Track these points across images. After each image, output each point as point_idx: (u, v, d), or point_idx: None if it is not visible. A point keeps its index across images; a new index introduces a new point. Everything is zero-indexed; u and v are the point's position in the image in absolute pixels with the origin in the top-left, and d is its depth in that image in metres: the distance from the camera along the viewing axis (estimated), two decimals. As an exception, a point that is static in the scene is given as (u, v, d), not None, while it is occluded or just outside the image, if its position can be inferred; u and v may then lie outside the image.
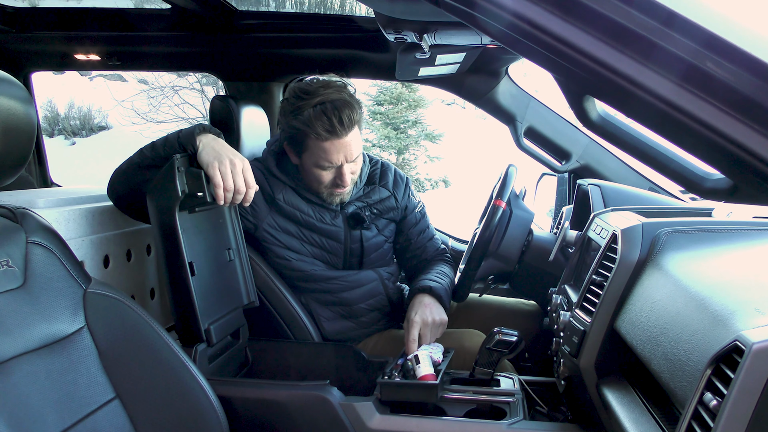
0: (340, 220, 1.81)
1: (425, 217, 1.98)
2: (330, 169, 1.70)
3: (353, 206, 1.83)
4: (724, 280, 0.81)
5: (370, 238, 1.85)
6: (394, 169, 1.96)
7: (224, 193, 1.42)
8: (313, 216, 1.77)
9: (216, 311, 1.55)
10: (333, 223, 1.79)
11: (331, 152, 1.66)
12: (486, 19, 0.85)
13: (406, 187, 1.94)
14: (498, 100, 2.35)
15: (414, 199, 1.96)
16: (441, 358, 1.52)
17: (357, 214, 1.81)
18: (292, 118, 1.66)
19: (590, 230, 1.35)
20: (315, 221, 1.77)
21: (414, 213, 1.95)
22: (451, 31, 1.69)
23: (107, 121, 11.82)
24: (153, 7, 2.71)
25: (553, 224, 2.28)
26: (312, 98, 1.64)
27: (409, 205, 1.94)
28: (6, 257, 1.07)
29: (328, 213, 1.79)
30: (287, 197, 1.76)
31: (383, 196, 1.88)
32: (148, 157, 1.49)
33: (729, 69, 0.71)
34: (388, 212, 1.89)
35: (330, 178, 1.72)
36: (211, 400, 1.25)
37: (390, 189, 1.90)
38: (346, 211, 1.82)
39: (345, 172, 1.70)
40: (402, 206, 1.92)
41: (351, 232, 1.82)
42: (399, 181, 1.93)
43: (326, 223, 1.79)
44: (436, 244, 1.99)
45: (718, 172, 0.99)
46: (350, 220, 1.81)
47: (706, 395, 0.65)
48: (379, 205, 1.87)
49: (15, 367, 1.01)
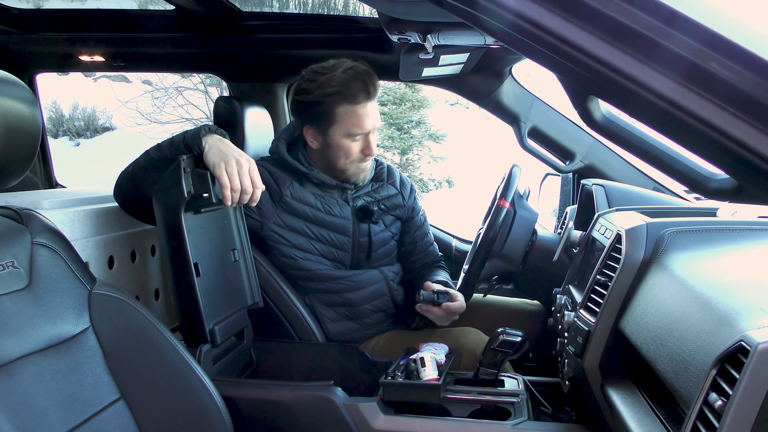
0: (349, 212, 1.82)
1: (427, 223, 2.04)
2: (359, 138, 1.74)
3: (362, 200, 1.85)
4: (728, 280, 0.81)
5: (378, 232, 1.86)
6: (399, 172, 2.01)
7: (231, 194, 1.42)
8: (321, 209, 1.78)
9: (221, 312, 1.55)
10: (342, 215, 1.80)
11: (364, 117, 1.71)
12: (489, 19, 0.85)
13: (412, 190, 1.99)
14: (502, 100, 2.35)
15: (419, 203, 2.01)
16: (444, 359, 1.52)
17: (366, 207, 1.83)
18: (318, 90, 1.70)
19: (594, 230, 1.34)
20: (323, 214, 1.78)
21: (419, 216, 2.00)
22: (454, 32, 1.69)
23: (111, 122, 11.84)
24: (157, 8, 2.71)
25: (557, 224, 2.27)
26: (335, 69, 1.70)
27: (416, 207, 1.99)
28: (11, 258, 1.07)
29: (336, 205, 1.80)
30: (294, 192, 1.77)
31: (391, 193, 1.91)
32: (154, 158, 1.49)
33: (732, 68, 0.70)
34: (395, 209, 1.92)
35: (358, 149, 1.76)
36: (215, 400, 1.25)
37: (397, 187, 1.94)
38: (355, 204, 1.84)
39: (372, 140, 1.76)
40: (409, 206, 1.96)
41: (359, 225, 1.83)
42: (405, 182, 1.98)
43: (335, 215, 1.79)
44: (436, 250, 2.04)
45: (723, 172, 0.99)
46: (359, 212, 1.83)
47: (711, 395, 0.65)
48: (387, 201, 1.90)
49: (20, 367, 1.02)
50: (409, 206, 1.96)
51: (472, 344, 1.71)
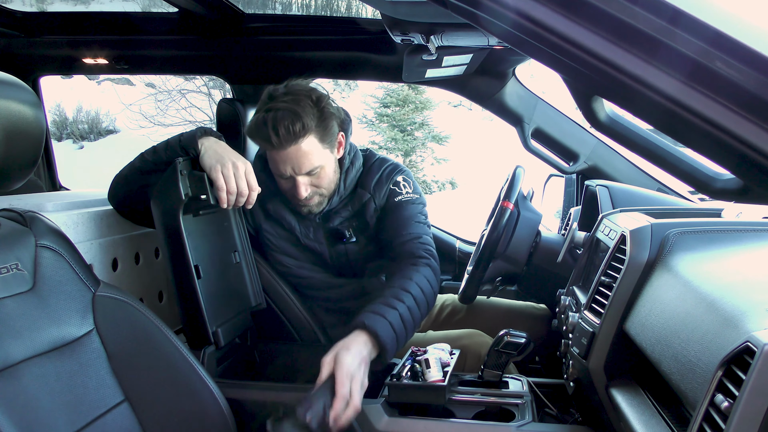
0: (321, 234, 1.74)
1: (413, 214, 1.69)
2: (287, 178, 1.61)
3: (338, 218, 1.73)
4: (734, 281, 0.81)
5: (357, 251, 1.75)
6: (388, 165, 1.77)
7: (227, 196, 1.42)
8: (298, 230, 1.73)
9: (223, 314, 1.55)
10: (315, 239, 1.73)
11: (276, 162, 1.58)
12: (493, 20, 0.85)
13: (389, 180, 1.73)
14: (505, 101, 2.35)
15: (399, 190, 1.73)
16: (449, 359, 1.51)
17: (336, 230, 1.73)
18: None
19: (598, 231, 1.34)
20: (300, 236, 1.73)
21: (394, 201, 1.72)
22: (458, 33, 1.69)
23: (115, 124, 11.88)
24: (160, 10, 2.72)
25: (560, 226, 2.27)
26: (264, 106, 1.56)
27: (391, 200, 1.72)
28: (15, 261, 1.07)
29: (312, 227, 1.73)
30: (275, 207, 1.72)
31: (364, 200, 1.73)
32: (149, 161, 1.48)
33: (737, 67, 0.70)
34: (372, 217, 1.73)
35: (288, 187, 1.63)
36: (219, 402, 1.25)
37: (371, 190, 1.73)
38: (329, 225, 1.73)
39: (300, 183, 1.59)
40: (380, 205, 1.73)
41: (334, 247, 1.75)
42: (384, 179, 1.73)
43: (309, 239, 1.74)
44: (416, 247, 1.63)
45: (728, 172, 0.98)
46: (329, 236, 1.73)
47: (718, 397, 0.64)
48: (363, 211, 1.73)
49: (25, 370, 1.02)
50: (381, 204, 1.73)
51: (477, 346, 1.70)
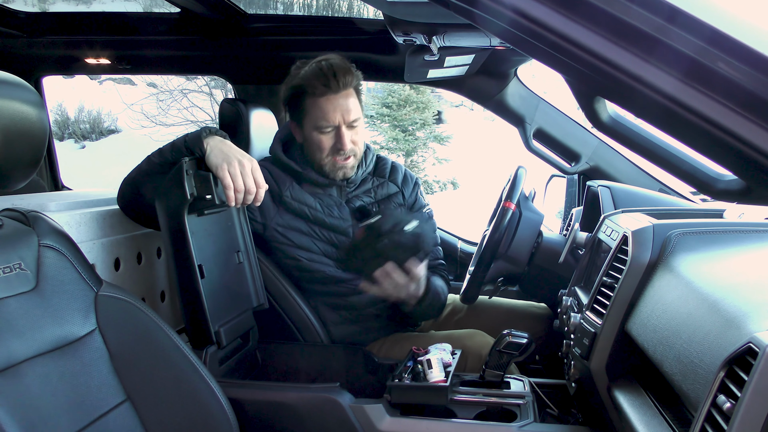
0: (347, 212, 1.81)
1: (432, 221, 1.96)
2: (329, 132, 1.72)
3: (360, 200, 1.84)
4: (736, 282, 0.81)
5: None
6: (405, 168, 1.97)
7: (235, 194, 1.42)
8: (320, 210, 1.78)
9: (226, 313, 1.55)
10: (341, 216, 1.79)
11: (327, 110, 1.69)
12: (495, 20, 0.85)
13: (415, 186, 1.95)
14: (507, 101, 2.35)
15: (422, 200, 1.96)
16: (450, 359, 1.51)
17: (363, 208, 1.82)
18: (290, 83, 1.73)
19: (600, 232, 1.34)
20: (323, 216, 1.77)
21: (421, 212, 1.93)
22: (459, 33, 1.69)
23: (117, 124, 11.89)
24: (162, 11, 2.73)
25: (562, 226, 2.27)
26: (310, 63, 1.72)
27: (418, 202, 1.94)
28: (18, 260, 1.07)
29: (335, 206, 1.79)
30: (294, 193, 1.77)
31: (391, 192, 1.89)
32: (155, 163, 1.49)
33: (738, 67, 0.70)
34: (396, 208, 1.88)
35: (330, 143, 1.73)
36: (221, 402, 1.25)
37: (399, 185, 1.91)
38: (353, 204, 1.82)
39: (344, 134, 1.71)
40: (409, 203, 1.92)
41: (358, 226, 1.80)
42: (408, 179, 1.94)
43: (334, 217, 1.78)
44: (437, 252, 1.94)
45: (730, 172, 0.98)
46: (356, 213, 1.81)
47: (720, 397, 0.64)
48: (387, 201, 1.88)
49: (27, 369, 1.02)
50: (410, 203, 1.92)
51: (478, 346, 1.70)
